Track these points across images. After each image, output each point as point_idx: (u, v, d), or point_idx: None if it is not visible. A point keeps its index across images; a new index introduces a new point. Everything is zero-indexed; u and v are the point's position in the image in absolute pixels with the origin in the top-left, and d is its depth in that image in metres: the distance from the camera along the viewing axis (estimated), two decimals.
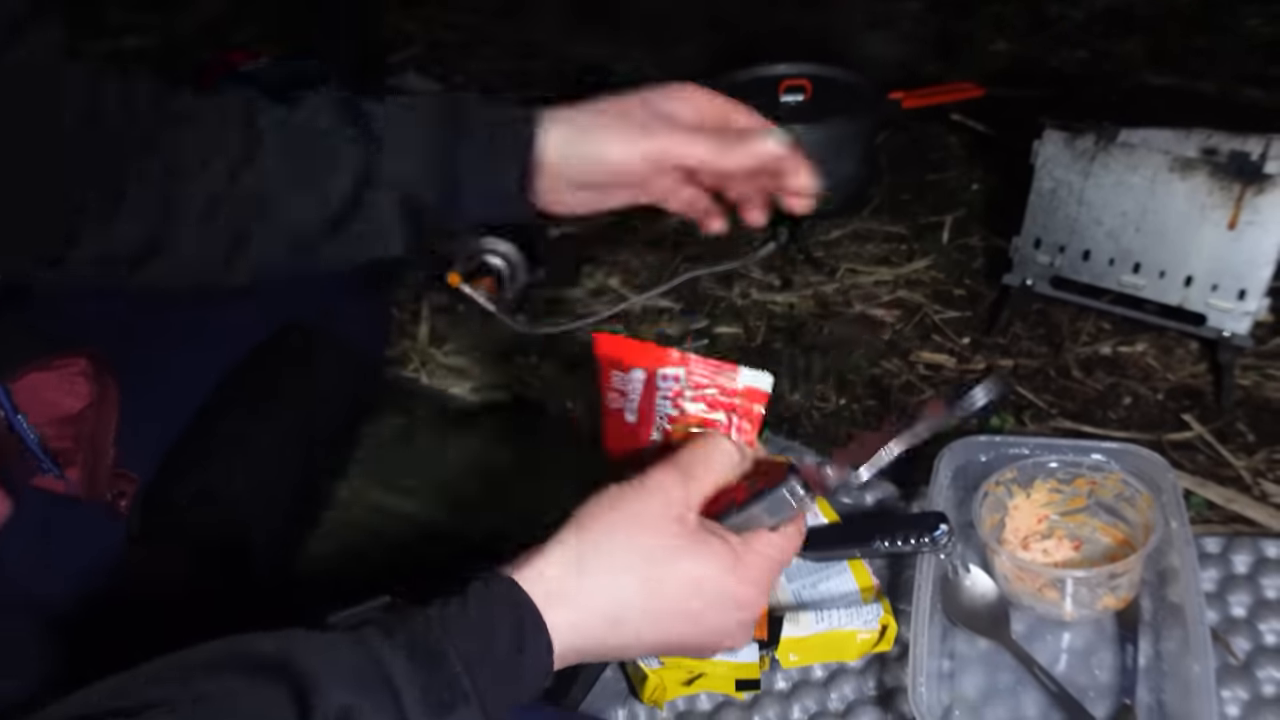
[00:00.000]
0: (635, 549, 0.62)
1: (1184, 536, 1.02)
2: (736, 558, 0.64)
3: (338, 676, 0.51)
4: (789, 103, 1.71)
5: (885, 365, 1.48)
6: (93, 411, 0.89)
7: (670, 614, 0.63)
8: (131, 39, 2.61)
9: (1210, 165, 1.26)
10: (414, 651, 0.54)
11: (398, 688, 0.52)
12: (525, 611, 0.59)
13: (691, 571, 0.63)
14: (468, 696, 0.54)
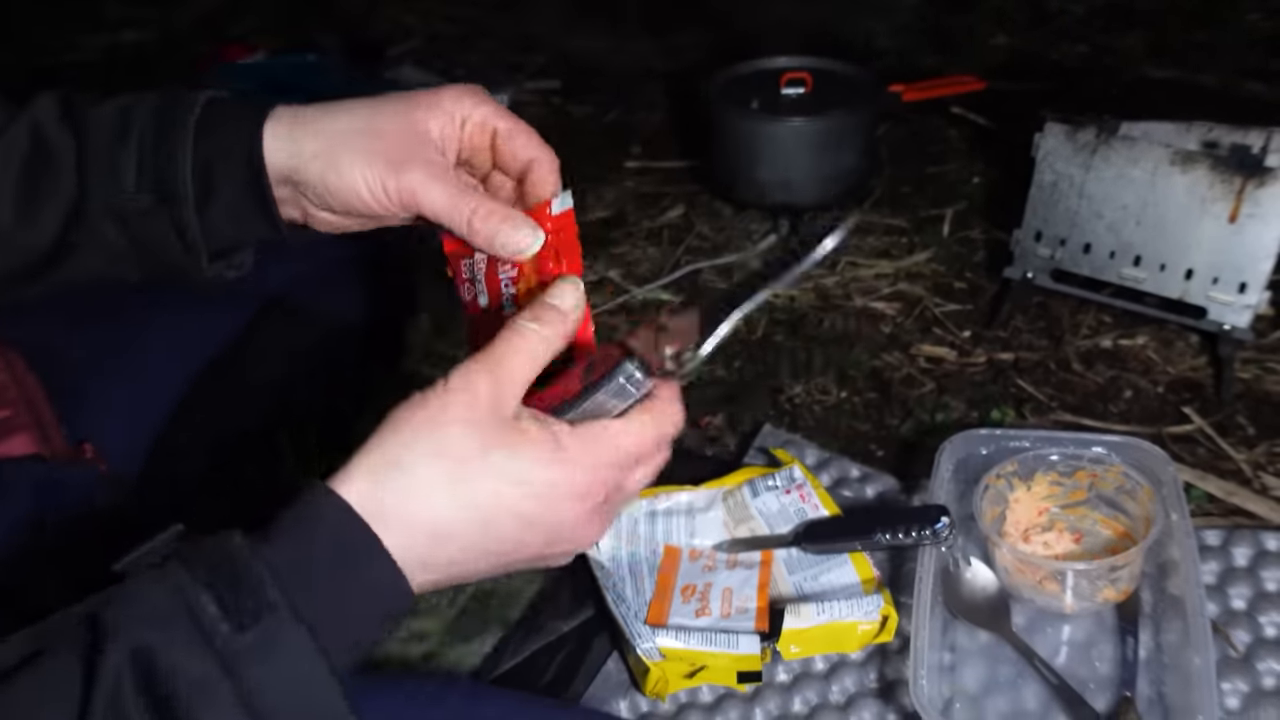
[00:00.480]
0: (441, 453, 0.55)
1: (1184, 529, 1.02)
2: (559, 443, 0.57)
3: (135, 619, 0.48)
4: (790, 95, 1.71)
5: (886, 358, 1.48)
6: (9, 378, 0.89)
7: (496, 517, 0.56)
8: (129, 33, 2.60)
9: (1211, 158, 1.26)
10: (214, 571, 0.50)
11: (197, 610, 0.48)
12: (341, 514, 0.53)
13: (506, 466, 0.56)
14: (274, 605, 0.49)
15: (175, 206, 0.68)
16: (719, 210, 1.82)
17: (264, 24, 2.57)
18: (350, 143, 0.65)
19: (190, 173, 0.67)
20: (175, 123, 0.67)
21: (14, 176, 0.69)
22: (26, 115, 0.69)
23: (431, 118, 0.67)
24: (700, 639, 1.01)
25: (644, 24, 2.50)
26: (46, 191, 0.69)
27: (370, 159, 0.65)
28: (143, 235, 0.69)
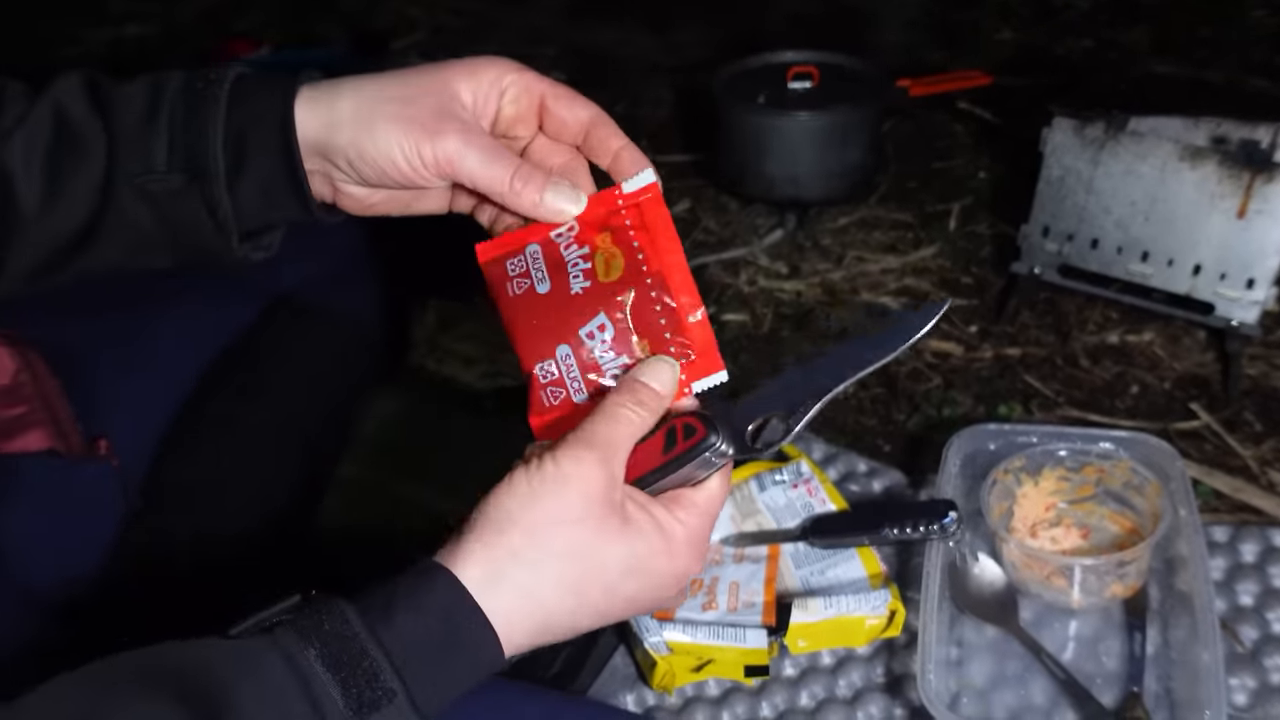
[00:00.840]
0: (559, 554, 0.56)
1: (1192, 525, 1.02)
2: (666, 535, 0.59)
3: (249, 693, 0.48)
4: (796, 89, 1.71)
5: None
6: (27, 375, 0.89)
7: (604, 607, 0.58)
8: (133, 26, 2.60)
9: (1220, 154, 1.26)
10: (329, 650, 0.50)
11: (316, 694, 0.49)
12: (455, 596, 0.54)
13: (622, 560, 0.57)
14: (393, 693, 0.50)
15: (206, 184, 0.65)
16: (725, 204, 1.82)
17: (268, 18, 2.56)
18: (384, 109, 0.63)
19: (221, 147, 0.65)
20: (206, 98, 0.65)
21: (39, 161, 0.67)
22: (48, 97, 0.68)
23: (465, 84, 0.64)
24: (707, 633, 1.01)
25: (650, 18, 2.49)
26: (73, 174, 0.67)
27: (406, 125, 0.62)
28: (174, 216, 0.67)
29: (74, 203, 0.67)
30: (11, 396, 0.88)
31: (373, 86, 0.64)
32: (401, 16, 2.56)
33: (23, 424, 0.87)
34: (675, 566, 0.59)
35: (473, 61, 0.65)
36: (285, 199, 0.66)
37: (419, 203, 0.69)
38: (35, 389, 0.89)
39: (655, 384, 0.61)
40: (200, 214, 0.66)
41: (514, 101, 0.65)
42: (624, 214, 0.64)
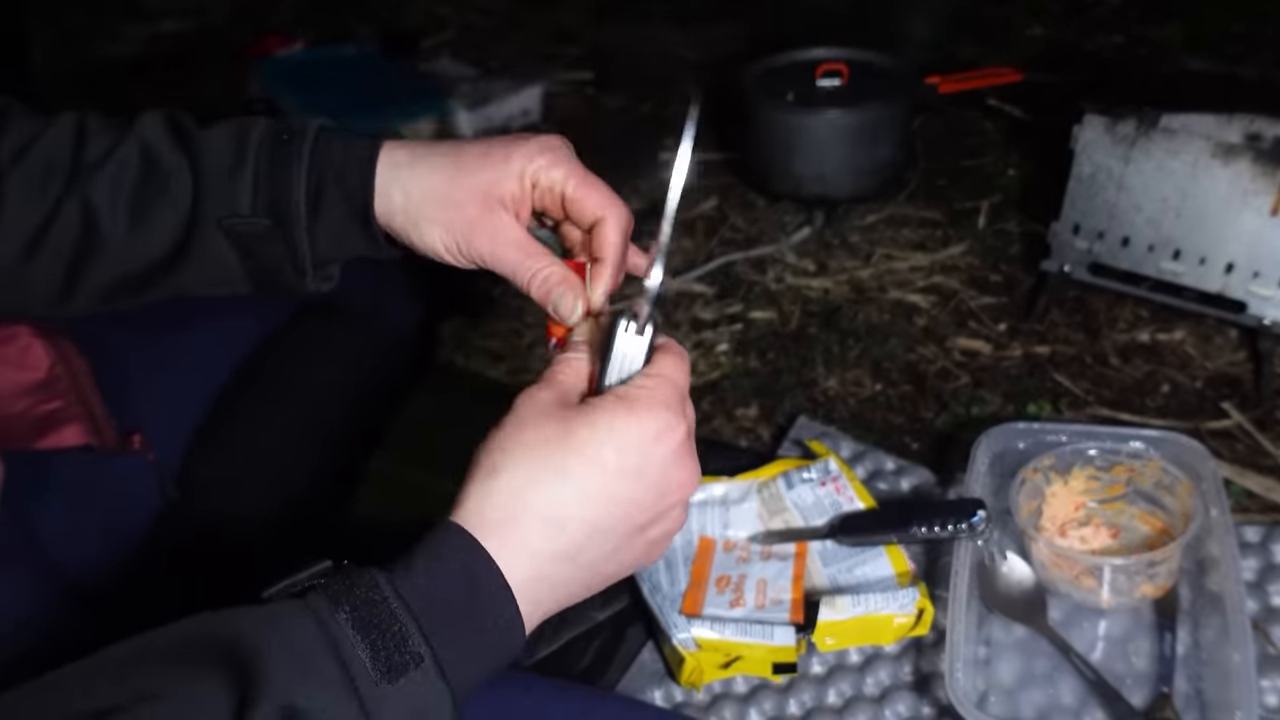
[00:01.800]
0: (533, 452, 0.58)
1: (1224, 525, 1.01)
2: (624, 399, 0.60)
3: (281, 656, 0.49)
4: (825, 87, 1.70)
5: (921, 351, 1.48)
6: (63, 369, 0.91)
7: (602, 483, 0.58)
8: (169, 22, 2.63)
9: (1253, 151, 1.25)
10: (359, 614, 0.52)
11: (344, 656, 0.50)
12: (474, 552, 0.56)
13: (591, 435, 0.58)
14: (420, 657, 0.52)
15: (288, 229, 0.73)
16: (753, 202, 1.82)
17: (301, 15, 2.58)
18: (429, 211, 0.71)
19: (303, 196, 0.72)
20: (290, 155, 0.72)
21: (127, 193, 0.73)
22: (135, 136, 0.74)
23: (505, 181, 0.71)
24: (735, 630, 1.02)
25: (678, 15, 2.49)
26: (159, 211, 0.73)
27: (447, 227, 0.71)
28: (256, 254, 0.74)
29: (158, 236, 0.74)
30: (47, 390, 0.89)
31: (423, 182, 0.72)
32: (430, 15, 2.57)
33: (58, 419, 0.89)
34: (653, 424, 0.59)
35: (512, 151, 0.71)
36: (357, 241, 0.74)
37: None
38: (71, 383, 0.90)
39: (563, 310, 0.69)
40: (280, 253, 0.74)
41: (540, 196, 0.72)
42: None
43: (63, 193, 0.73)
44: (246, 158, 0.73)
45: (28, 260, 0.74)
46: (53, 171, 0.74)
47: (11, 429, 0.87)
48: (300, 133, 0.73)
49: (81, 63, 2.41)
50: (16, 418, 0.88)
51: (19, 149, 0.74)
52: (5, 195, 0.73)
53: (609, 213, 0.71)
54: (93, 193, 0.73)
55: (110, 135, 0.74)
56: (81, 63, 2.41)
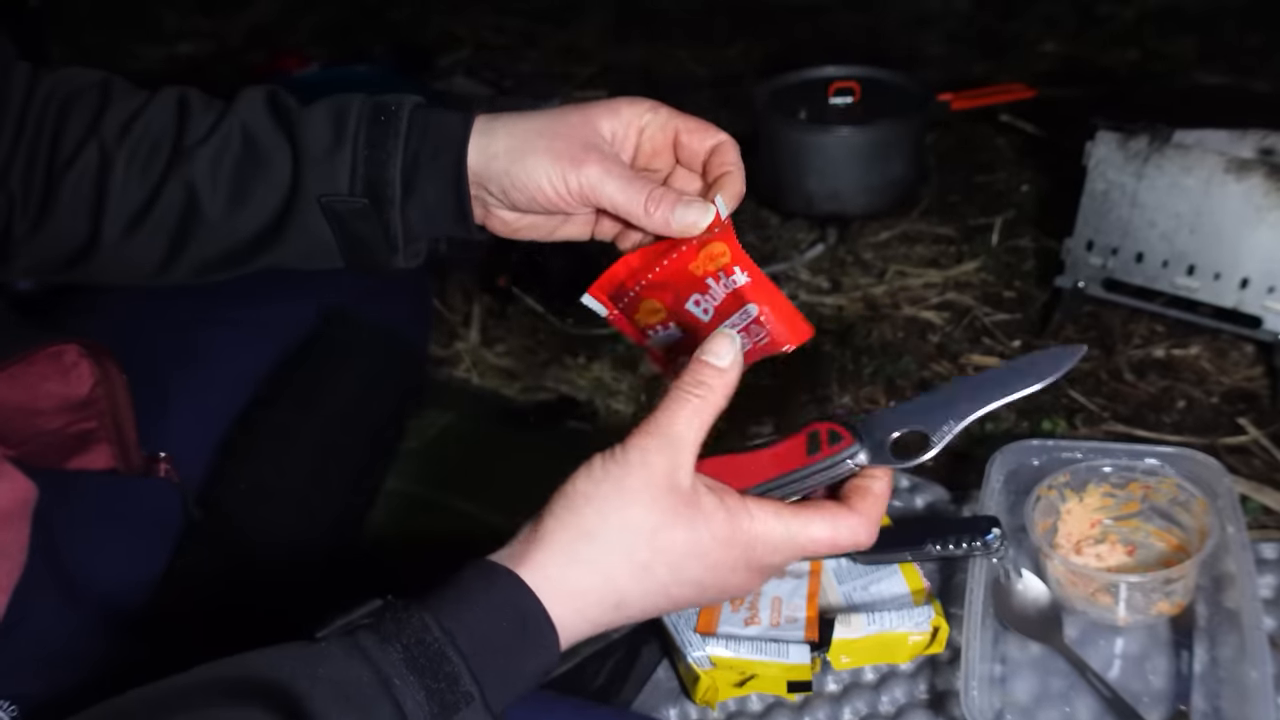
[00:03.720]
0: (627, 528, 0.59)
1: (1240, 542, 1.01)
2: (734, 523, 0.60)
3: (333, 697, 0.50)
4: (838, 105, 1.71)
5: (935, 368, 1.48)
6: (102, 390, 0.91)
7: (672, 585, 0.60)
8: (185, 45, 2.65)
9: (1267, 166, 1.25)
10: (411, 654, 0.52)
11: (398, 697, 0.51)
12: (526, 602, 0.57)
13: (687, 540, 0.59)
14: (470, 696, 0.53)
15: (384, 207, 0.74)
16: (766, 219, 1.83)
17: (316, 36, 2.60)
18: (534, 143, 0.71)
19: (399, 174, 0.74)
20: (388, 132, 0.74)
21: (227, 173, 0.75)
22: (236, 115, 0.76)
23: (606, 122, 0.72)
24: (750, 648, 1.02)
25: (691, 35, 2.51)
26: (259, 188, 0.75)
27: (553, 157, 0.70)
28: (352, 230, 0.76)
29: (257, 214, 0.76)
30: (85, 411, 0.90)
31: (525, 124, 0.72)
32: (446, 33, 2.59)
33: (90, 440, 0.89)
34: (739, 556, 0.60)
35: (614, 102, 0.73)
36: (448, 220, 0.75)
37: (563, 229, 0.78)
38: (108, 404, 0.91)
39: (713, 359, 0.63)
40: (376, 230, 0.75)
41: (651, 138, 0.73)
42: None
43: (165, 171, 0.76)
44: (345, 137, 0.74)
45: (130, 235, 0.76)
46: (157, 150, 0.76)
47: (45, 446, 0.88)
48: (395, 112, 0.74)
49: None
50: (52, 434, 0.88)
51: (122, 126, 0.76)
52: (111, 172, 0.75)
53: (723, 137, 0.73)
54: (194, 172, 0.75)
55: (211, 114, 0.77)
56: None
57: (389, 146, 0.74)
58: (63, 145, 0.76)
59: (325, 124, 0.75)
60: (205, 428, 1.03)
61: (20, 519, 0.77)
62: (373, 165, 0.74)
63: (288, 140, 0.75)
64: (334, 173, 0.74)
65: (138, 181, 0.76)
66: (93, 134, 0.76)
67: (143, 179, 0.76)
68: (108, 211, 0.76)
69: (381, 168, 0.74)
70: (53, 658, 0.79)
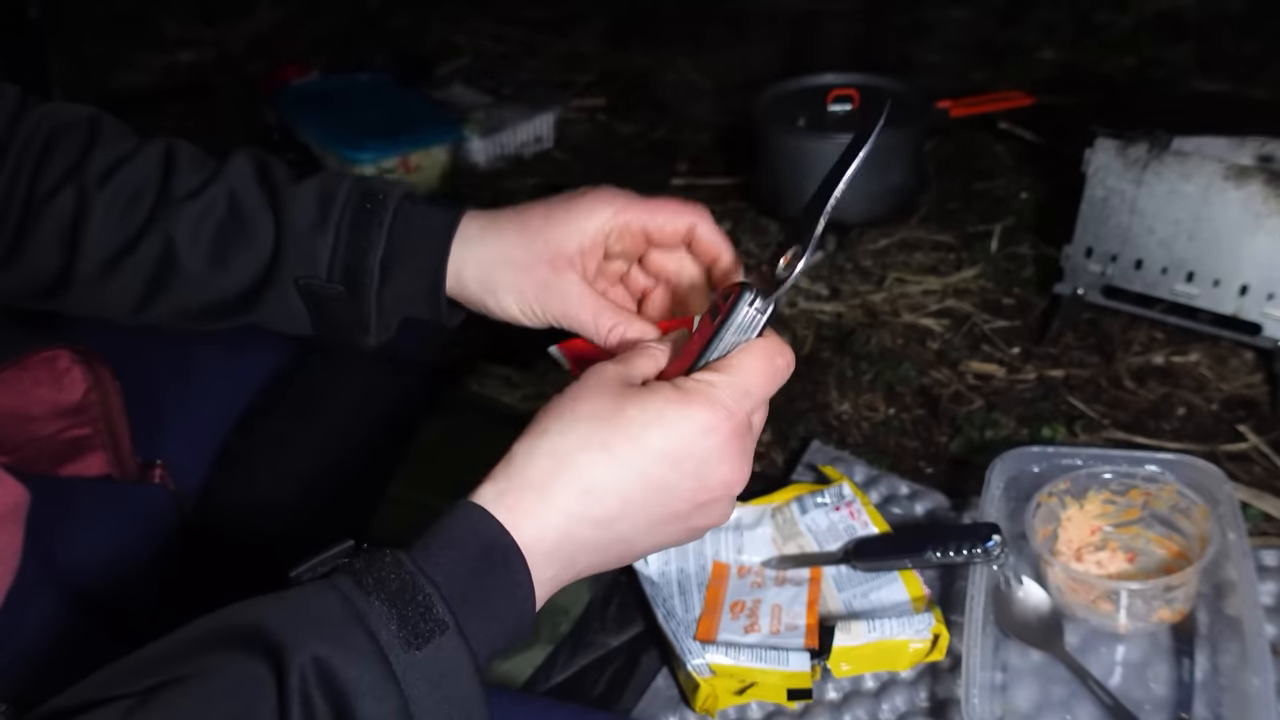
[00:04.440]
0: (577, 426, 0.60)
1: (1241, 549, 1.01)
2: (678, 390, 0.60)
3: (310, 630, 0.51)
4: (836, 112, 1.71)
5: (934, 375, 1.48)
6: (96, 396, 0.91)
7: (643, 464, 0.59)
8: (186, 53, 2.66)
9: (1266, 173, 1.25)
10: (385, 588, 0.53)
11: (373, 627, 0.52)
12: (490, 531, 0.57)
13: (640, 414, 0.59)
14: (445, 624, 0.53)
15: (360, 294, 0.77)
16: (765, 227, 1.83)
17: (316, 44, 2.61)
18: (503, 277, 0.75)
19: (377, 266, 0.76)
20: (372, 221, 0.76)
21: (209, 235, 0.77)
22: (223, 181, 0.77)
23: (574, 238, 0.74)
24: (750, 655, 1.02)
25: (690, 42, 2.51)
26: (240, 255, 0.77)
27: (521, 292, 0.74)
28: (325, 310, 0.78)
29: (236, 278, 0.77)
30: (79, 417, 0.90)
31: (496, 248, 0.75)
32: (446, 42, 2.60)
33: (84, 446, 0.89)
34: (703, 417, 0.60)
35: (579, 212, 0.74)
36: (423, 309, 0.78)
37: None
38: (102, 410, 0.91)
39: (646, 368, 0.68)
40: (350, 314, 0.78)
41: (619, 240, 0.75)
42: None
43: (146, 222, 0.77)
44: (329, 220, 0.76)
45: (105, 277, 0.77)
46: (139, 199, 0.77)
47: (39, 452, 0.88)
48: (383, 202, 0.76)
49: (99, 92, 2.44)
50: (46, 440, 0.88)
51: (106, 169, 0.77)
52: (89, 215, 0.76)
53: (695, 216, 0.74)
54: (176, 228, 0.76)
55: (201, 173, 0.78)
56: (99, 92, 2.44)
57: (372, 235, 0.76)
58: (43, 179, 0.77)
59: (312, 203, 0.76)
60: (202, 436, 1.03)
61: (12, 523, 0.77)
62: (353, 252, 0.76)
63: (273, 213, 0.77)
64: (314, 254, 0.76)
65: (116, 226, 0.77)
66: (76, 172, 0.77)
67: (121, 225, 0.77)
68: (83, 252, 0.77)
69: (362, 256, 0.76)
70: (47, 662, 0.79)
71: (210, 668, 0.50)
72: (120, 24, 2.75)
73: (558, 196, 0.76)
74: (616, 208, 0.74)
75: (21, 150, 0.77)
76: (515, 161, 2.09)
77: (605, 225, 0.74)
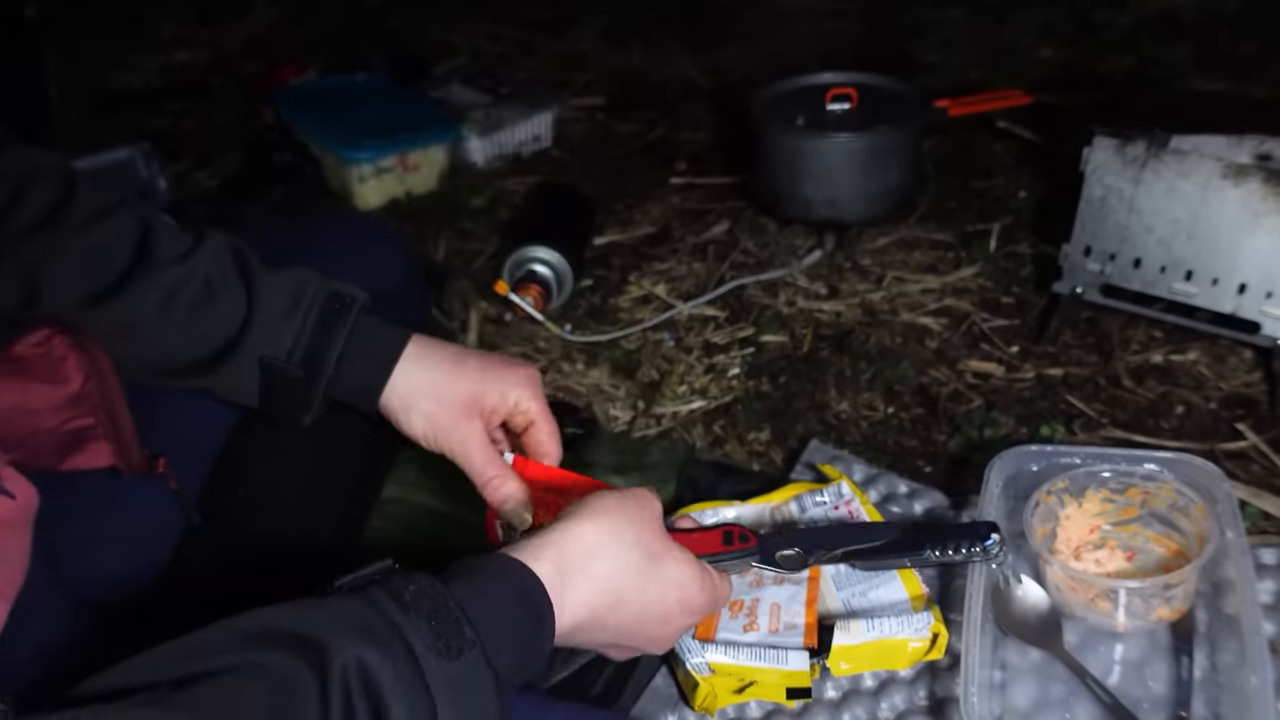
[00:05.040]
0: (636, 543, 0.75)
1: (1240, 547, 1.01)
2: (705, 572, 0.81)
3: (350, 634, 0.55)
4: (835, 111, 1.71)
5: (933, 374, 1.48)
6: (95, 384, 0.91)
7: (654, 604, 0.76)
8: (182, 53, 2.65)
9: (1264, 171, 1.25)
10: (419, 605, 0.59)
11: (408, 638, 0.57)
12: (529, 580, 0.67)
13: (674, 572, 0.77)
14: (473, 642, 0.59)
15: (313, 381, 0.90)
16: (764, 226, 1.83)
17: (313, 45, 2.60)
18: (419, 404, 0.91)
19: (334, 360, 0.90)
20: (337, 321, 0.90)
21: (181, 306, 0.86)
22: (201, 260, 0.87)
23: (489, 396, 0.91)
24: (749, 654, 1.01)
25: (688, 41, 2.51)
26: (208, 328, 0.87)
27: (429, 421, 0.91)
28: (276, 389, 0.91)
29: (199, 347, 0.88)
30: (79, 407, 0.89)
31: (422, 380, 0.91)
32: (442, 43, 2.59)
33: (86, 437, 0.89)
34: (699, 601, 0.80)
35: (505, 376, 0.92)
36: (358, 403, 0.93)
37: None
38: (102, 399, 0.90)
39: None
40: (297, 393, 0.91)
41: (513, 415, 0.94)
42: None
43: (117, 283, 0.85)
44: (298, 310, 0.88)
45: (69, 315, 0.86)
46: (113, 255, 0.85)
47: (41, 447, 0.87)
48: (349, 304, 0.90)
49: (95, 92, 2.43)
50: (48, 433, 0.88)
51: (83, 223, 0.85)
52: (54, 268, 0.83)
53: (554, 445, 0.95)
54: (147, 290, 0.85)
55: (179, 245, 0.87)
56: (95, 92, 2.43)
57: (335, 334, 0.89)
58: (13, 219, 0.83)
59: (284, 291, 0.88)
60: (203, 435, 1.02)
61: (23, 526, 0.77)
62: (315, 344, 0.89)
63: (246, 293, 0.87)
64: (280, 339, 0.88)
65: (86, 278, 0.84)
66: (50, 220, 0.83)
67: (92, 278, 0.85)
68: (44, 298, 0.84)
69: (324, 350, 0.89)
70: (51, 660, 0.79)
71: (254, 663, 0.53)
72: (117, 24, 2.75)
73: (495, 356, 0.93)
74: (533, 392, 0.92)
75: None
76: (514, 160, 2.09)
77: (519, 398, 0.91)
